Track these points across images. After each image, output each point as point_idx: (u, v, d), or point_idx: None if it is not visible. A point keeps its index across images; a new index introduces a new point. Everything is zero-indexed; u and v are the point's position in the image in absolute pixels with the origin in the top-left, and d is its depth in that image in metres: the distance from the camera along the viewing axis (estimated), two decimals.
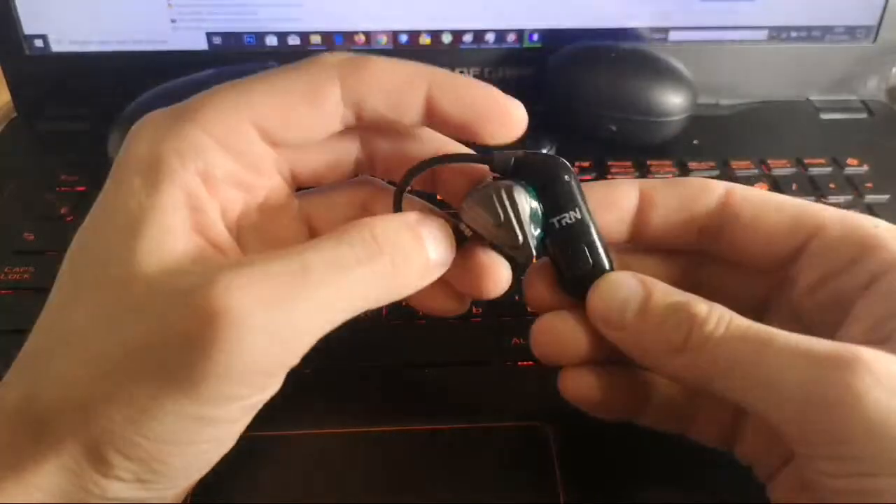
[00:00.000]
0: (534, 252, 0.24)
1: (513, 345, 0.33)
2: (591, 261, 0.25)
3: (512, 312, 0.35)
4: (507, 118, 0.24)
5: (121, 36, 0.48)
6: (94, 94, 0.48)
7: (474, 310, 0.35)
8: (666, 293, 0.24)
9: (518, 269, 0.26)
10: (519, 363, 0.33)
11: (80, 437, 0.20)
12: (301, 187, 0.27)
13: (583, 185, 0.25)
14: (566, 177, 0.24)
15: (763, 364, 0.21)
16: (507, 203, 0.23)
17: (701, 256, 0.27)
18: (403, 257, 0.22)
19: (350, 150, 0.26)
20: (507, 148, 0.25)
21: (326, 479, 0.28)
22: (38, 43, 0.48)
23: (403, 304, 0.25)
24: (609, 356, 0.26)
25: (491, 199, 0.23)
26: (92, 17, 0.47)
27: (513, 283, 0.26)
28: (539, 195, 0.24)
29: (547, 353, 0.26)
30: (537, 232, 0.24)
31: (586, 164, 0.44)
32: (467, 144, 0.25)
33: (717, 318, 0.22)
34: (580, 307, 0.25)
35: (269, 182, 0.25)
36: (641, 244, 0.27)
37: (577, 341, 0.25)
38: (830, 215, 0.25)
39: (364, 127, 0.25)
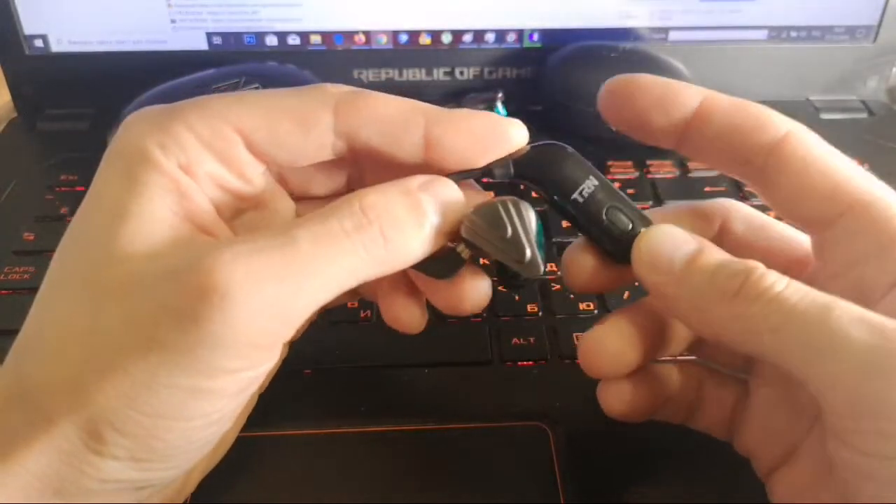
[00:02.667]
0: (542, 268, 0.23)
1: (513, 345, 0.33)
2: (629, 220, 0.24)
3: (512, 313, 0.35)
4: (510, 140, 0.24)
5: (121, 36, 0.48)
6: (94, 94, 0.48)
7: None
8: (719, 251, 0.23)
9: (510, 286, 0.25)
10: (519, 363, 0.33)
11: (73, 415, 0.20)
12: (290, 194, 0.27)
13: (647, 74, 0.25)
14: (568, 151, 0.24)
15: (823, 327, 0.20)
16: (514, 217, 0.23)
17: (725, 222, 0.27)
18: (395, 226, 0.21)
19: (341, 166, 0.26)
20: None
21: (326, 480, 0.28)
22: (38, 43, 0.48)
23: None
24: (647, 362, 0.25)
25: (498, 213, 0.23)
26: (92, 17, 0.47)
27: (499, 290, 0.26)
28: (551, 184, 0.24)
29: (599, 367, 0.25)
30: (541, 253, 0.23)
31: None
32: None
33: (776, 275, 0.21)
34: (631, 314, 0.25)
35: (258, 192, 0.25)
36: (683, 153, 0.26)
37: (627, 353, 0.25)
38: (873, 195, 0.23)
39: (359, 158, 0.25)
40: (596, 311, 0.35)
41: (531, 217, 0.23)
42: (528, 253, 0.23)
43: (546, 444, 0.29)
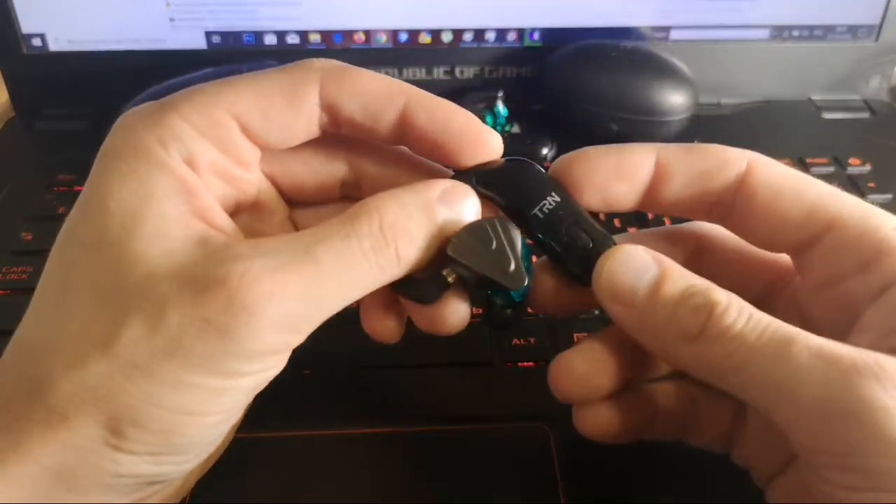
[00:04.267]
0: (526, 279, 0.23)
1: (513, 345, 0.33)
2: (590, 238, 0.24)
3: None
4: (482, 144, 0.24)
5: (119, 35, 0.47)
6: (92, 94, 0.48)
7: (474, 310, 0.35)
8: (682, 275, 0.22)
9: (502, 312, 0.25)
10: (519, 364, 0.33)
11: (94, 414, 0.20)
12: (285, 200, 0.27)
13: (598, 146, 0.24)
14: (530, 168, 0.24)
15: (782, 365, 0.20)
16: (500, 233, 0.23)
17: (702, 241, 0.26)
18: (410, 244, 0.22)
19: (336, 170, 0.26)
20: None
21: (325, 481, 0.28)
22: (36, 42, 0.48)
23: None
24: (625, 385, 0.25)
25: (484, 229, 0.23)
26: (90, 16, 0.47)
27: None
28: (511, 197, 0.24)
29: (567, 392, 0.25)
30: (526, 268, 0.23)
31: None
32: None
33: (738, 310, 0.21)
34: (599, 338, 0.25)
35: (255, 178, 0.25)
36: (648, 210, 0.26)
37: (597, 378, 0.25)
38: (850, 211, 0.23)
39: (350, 147, 0.25)
40: (596, 312, 0.35)
41: (516, 235, 0.23)
42: (513, 264, 0.23)
43: (546, 445, 0.29)
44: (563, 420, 0.29)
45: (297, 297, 0.20)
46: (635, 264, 0.23)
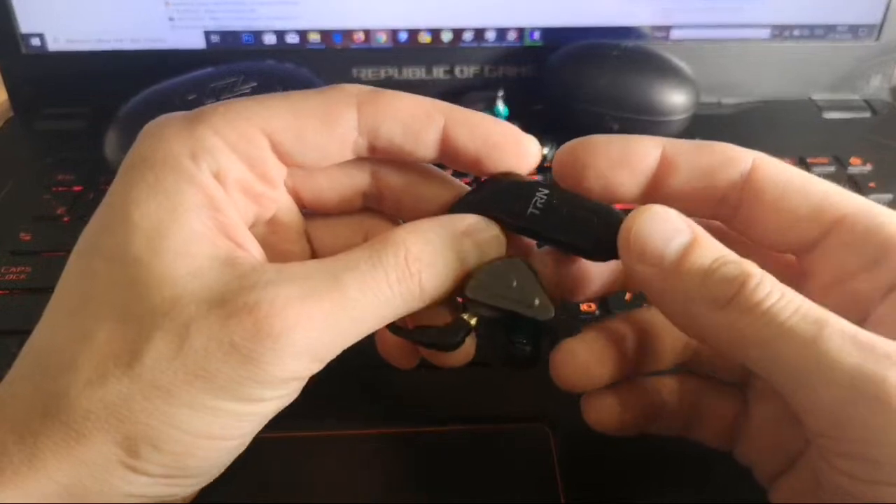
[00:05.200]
0: (553, 309, 0.23)
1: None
2: (592, 213, 0.24)
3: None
4: (522, 151, 0.24)
5: (118, 34, 0.47)
6: (91, 93, 0.48)
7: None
8: (715, 243, 0.22)
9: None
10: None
11: (111, 433, 0.20)
12: (304, 210, 0.27)
13: (600, 135, 0.24)
14: (508, 176, 0.24)
15: (812, 346, 0.19)
16: (518, 269, 0.23)
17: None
18: (434, 277, 0.22)
19: (360, 182, 0.26)
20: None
21: (325, 481, 0.28)
22: (35, 41, 0.48)
23: None
24: (627, 374, 0.25)
25: (502, 268, 0.23)
26: (89, 16, 0.47)
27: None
28: (502, 206, 0.24)
29: (567, 380, 0.25)
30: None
31: None
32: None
33: (771, 285, 0.20)
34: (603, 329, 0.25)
35: (278, 195, 0.25)
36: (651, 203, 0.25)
37: (598, 367, 0.25)
38: (857, 208, 0.23)
39: (377, 160, 0.25)
40: (597, 312, 0.35)
41: (532, 271, 0.24)
42: (538, 298, 0.23)
43: (546, 445, 0.29)
44: (564, 421, 0.30)
45: (322, 325, 0.20)
46: (667, 226, 0.22)
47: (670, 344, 0.26)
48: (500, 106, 0.47)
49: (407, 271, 0.22)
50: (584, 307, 0.35)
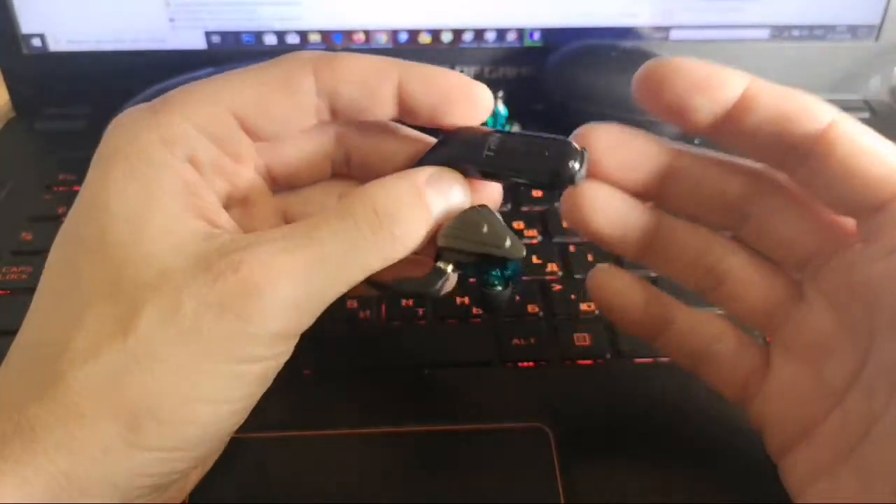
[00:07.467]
0: (523, 248, 0.24)
1: (514, 345, 0.33)
2: (546, 144, 0.24)
3: (513, 313, 0.35)
4: (474, 101, 0.25)
5: (119, 35, 0.47)
6: (92, 94, 0.48)
7: (474, 310, 0.35)
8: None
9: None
10: (520, 364, 0.32)
11: (114, 409, 0.20)
12: (277, 187, 0.27)
13: (688, 57, 0.24)
14: (463, 128, 0.25)
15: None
16: (487, 216, 0.24)
17: (762, 183, 0.26)
18: (404, 225, 0.23)
19: (327, 147, 0.27)
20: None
21: (325, 481, 0.28)
22: (36, 42, 0.48)
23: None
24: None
25: (471, 215, 0.24)
26: (90, 16, 0.47)
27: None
28: (458, 151, 0.25)
29: (606, 298, 0.27)
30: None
31: None
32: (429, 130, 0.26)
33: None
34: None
35: (248, 172, 0.25)
36: (719, 139, 0.25)
37: (635, 283, 0.27)
38: None
39: (340, 124, 0.26)
40: (597, 312, 0.35)
41: (500, 218, 0.24)
42: (508, 239, 0.24)
43: (546, 445, 0.29)
44: (564, 420, 0.30)
45: (304, 276, 0.21)
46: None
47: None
48: (500, 106, 0.47)
49: (377, 222, 0.22)
50: (583, 307, 0.35)
